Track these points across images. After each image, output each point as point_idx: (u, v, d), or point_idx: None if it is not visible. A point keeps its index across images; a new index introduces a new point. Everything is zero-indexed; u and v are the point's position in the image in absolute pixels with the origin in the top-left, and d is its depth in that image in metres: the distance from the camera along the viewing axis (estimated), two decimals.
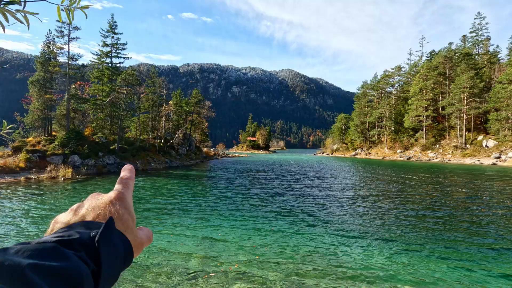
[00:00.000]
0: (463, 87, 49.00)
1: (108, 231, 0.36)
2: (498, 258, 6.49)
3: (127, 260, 0.40)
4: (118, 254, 0.37)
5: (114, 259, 0.36)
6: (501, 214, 10.61)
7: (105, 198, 0.46)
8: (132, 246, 0.41)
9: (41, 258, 0.29)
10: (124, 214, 0.44)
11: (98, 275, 0.33)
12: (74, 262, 0.31)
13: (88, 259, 0.33)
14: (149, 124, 39.50)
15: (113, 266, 0.36)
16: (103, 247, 0.34)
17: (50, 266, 0.28)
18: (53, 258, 0.30)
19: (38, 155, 23.44)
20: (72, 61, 30.21)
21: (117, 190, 0.49)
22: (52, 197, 13.81)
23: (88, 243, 0.34)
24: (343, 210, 11.34)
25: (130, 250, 0.40)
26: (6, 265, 0.26)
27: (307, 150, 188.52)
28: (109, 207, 0.44)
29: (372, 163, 44.18)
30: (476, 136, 48.98)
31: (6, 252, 0.28)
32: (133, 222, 0.46)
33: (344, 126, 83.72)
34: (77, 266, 0.31)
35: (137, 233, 0.45)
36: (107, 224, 0.37)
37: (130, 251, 0.40)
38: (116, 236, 0.38)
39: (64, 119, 29.36)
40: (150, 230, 0.50)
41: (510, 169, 31.81)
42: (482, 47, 61.62)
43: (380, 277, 5.48)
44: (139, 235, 0.46)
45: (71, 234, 0.35)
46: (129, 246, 0.40)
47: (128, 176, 0.53)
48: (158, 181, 20.35)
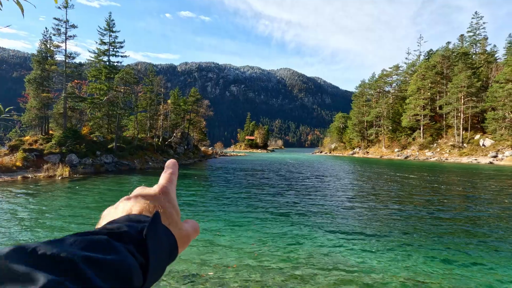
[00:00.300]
0: (460, 86, 49.21)
1: (154, 225, 0.37)
2: (494, 256, 6.53)
3: (172, 254, 0.40)
4: (164, 248, 0.38)
5: (160, 253, 0.37)
6: (498, 213, 10.67)
7: (150, 192, 0.47)
8: (176, 240, 0.41)
9: (93, 251, 0.29)
10: (168, 207, 0.45)
11: (146, 269, 0.34)
12: (124, 255, 0.31)
13: (136, 252, 0.34)
14: (147, 123, 39.36)
15: (160, 260, 0.37)
16: (150, 241, 0.35)
17: (102, 258, 0.29)
18: (104, 250, 0.30)
19: (35, 154, 23.31)
20: (69, 60, 30.03)
21: (161, 184, 0.50)
22: (49, 197, 13.74)
23: (136, 236, 0.35)
24: (341, 209, 11.37)
25: (175, 244, 0.41)
26: (62, 256, 0.27)
27: (305, 149, 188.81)
28: (154, 201, 0.44)
29: (370, 162, 44.31)
30: (473, 135, 49.24)
31: (63, 243, 0.29)
32: (178, 216, 0.46)
33: (342, 125, 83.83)
34: (127, 259, 0.31)
35: (182, 226, 0.46)
36: (154, 218, 0.37)
37: (175, 245, 0.41)
38: (161, 230, 0.39)
39: (61, 118, 29.20)
40: (196, 222, 0.50)
41: (506, 168, 32.02)
42: (480, 47, 61.90)
43: (377, 276, 5.50)
44: (185, 228, 0.46)
45: (120, 227, 0.36)
46: (174, 240, 0.41)
47: (172, 171, 0.54)
48: (156, 180, 20.19)
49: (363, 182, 20.42)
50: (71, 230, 8.36)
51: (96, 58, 36.91)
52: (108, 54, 36.70)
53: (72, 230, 8.39)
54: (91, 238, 0.31)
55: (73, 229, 8.44)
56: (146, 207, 0.43)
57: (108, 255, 0.30)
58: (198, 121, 53.85)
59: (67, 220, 9.51)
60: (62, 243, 0.29)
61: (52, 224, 9.07)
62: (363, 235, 8.01)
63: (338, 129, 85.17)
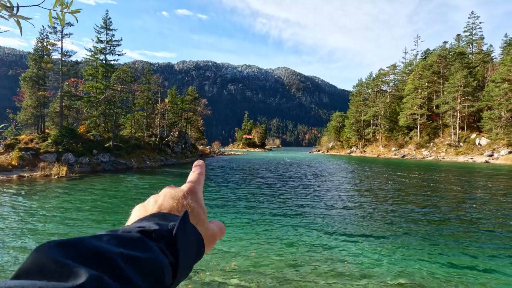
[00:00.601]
0: (457, 86, 49.49)
1: (184, 224, 0.38)
2: (488, 255, 6.58)
3: (199, 253, 0.41)
4: (192, 248, 0.39)
5: (189, 252, 0.37)
6: (495, 213, 10.76)
7: (178, 191, 0.47)
8: (203, 240, 0.42)
9: (129, 248, 0.30)
10: (196, 207, 0.45)
11: (175, 267, 0.34)
12: (157, 253, 0.32)
13: (166, 250, 0.34)
14: (144, 122, 39.19)
15: (188, 259, 0.37)
16: (180, 240, 0.36)
17: (136, 256, 0.30)
18: (139, 248, 0.31)
19: (31, 153, 23.13)
20: (66, 58, 29.80)
21: (190, 184, 0.51)
22: (44, 196, 13.64)
23: (166, 235, 0.35)
24: (338, 208, 11.40)
25: (202, 243, 0.41)
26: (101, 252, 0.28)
27: (303, 148, 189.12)
28: (182, 200, 0.45)
29: (367, 161, 44.48)
30: (469, 134, 49.56)
31: (100, 239, 0.31)
32: (205, 216, 0.47)
33: (340, 124, 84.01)
34: (159, 257, 0.32)
35: (208, 226, 0.46)
36: (183, 218, 0.38)
37: (202, 245, 0.41)
38: (190, 229, 0.39)
39: (58, 117, 28.99)
40: (221, 223, 0.50)
41: (502, 167, 32.28)
42: (476, 46, 62.25)
43: (373, 275, 5.52)
44: (211, 228, 0.46)
45: (151, 225, 0.36)
46: (201, 240, 0.41)
47: (200, 171, 0.55)
48: (153, 179, 20.25)
49: (361, 181, 20.49)
50: (68, 230, 8.31)
51: (92, 57, 36.62)
52: (105, 52, 36.43)
53: (68, 230, 8.35)
54: (126, 235, 0.33)
55: (69, 229, 8.39)
56: (174, 206, 0.44)
57: (142, 253, 0.31)
58: (196, 120, 53.72)
59: (63, 220, 9.45)
60: (99, 240, 0.30)
61: (48, 224, 9.00)
62: (360, 235, 8.04)
63: (336, 128, 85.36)
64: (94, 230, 8.30)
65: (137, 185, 17.40)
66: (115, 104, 32.51)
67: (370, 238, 7.72)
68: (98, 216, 9.95)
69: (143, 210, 0.44)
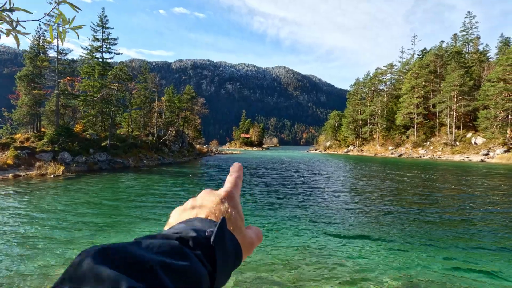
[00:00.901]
0: (453, 85, 49.78)
1: (221, 232, 0.37)
2: (487, 255, 6.64)
3: (237, 261, 0.39)
4: (230, 256, 0.37)
5: (226, 260, 0.36)
6: (491, 211, 10.85)
7: (216, 196, 0.46)
8: (241, 247, 0.41)
9: (167, 256, 0.30)
10: (233, 213, 0.44)
11: (213, 277, 0.33)
12: (195, 262, 0.31)
13: (204, 259, 0.33)
14: (141, 121, 39.03)
15: (226, 268, 0.36)
16: (218, 249, 0.35)
17: (176, 265, 0.29)
18: (178, 257, 0.31)
19: (27, 152, 22.96)
20: (62, 56, 29.55)
21: (227, 188, 0.49)
22: (40, 195, 13.55)
23: (203, 242, 0.35)
24: (336, 207, 11.44)
25: (240, 252, 0.40)
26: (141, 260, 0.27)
27: (300, 147, 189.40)
28: (219, 205, 0.44)
29: (364, 160, 44.65)
30: (465, 133, 49.92)
31: (139, 246, 0.30)
32: (242, 222, 0.45)
33: (337, 123, 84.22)
34: (197, 267, 0.31)
35: (246, 233, 0.44)
36: (221, 225, 0.37)
37: (240, 253, 0.40)
38: (228, 237, 0.38)
39: (54, 115, 28.78)
40: (259, 229, 0.48)
41: (497, 165, 32.56)
42: (472, 46, 62.63)
43: (369, 274, 5.55)
44: (248, 235, 0.45)
45: (188, 232, 0.36)
46: (239, 248, 0.40)
47: (237, 174, 0.53)
48: (151, 178, 20.18)
49: (358, 180, 20.57)
50: (63, 230, 8.27)
51: (89, 55, 36.37)
52: (101, 50, 36.20)
53: (64, 230, 8.30)
54: (164, 242, 0.32)
55: (65, 229, 8.34)
56: (212, 211, 0.43)
57: (181, 262, 0.30)
58: (193, 119, 53.59)
59: (58, 220, 9.40)
60: (139, 247, 0.30)
61: (43, 223, 8.95)
62: (358, 234, 8.08)
63: (333, 127, 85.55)
64: (91, 231, 8.27)
65: (134, 185, 17.34)
66: (112, 102, 32.33)
67: (367, 237, 7.75)
68: (94, 217, 9.91)
69: (181, 214, 0.44)
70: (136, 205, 11.48)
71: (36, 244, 7.01)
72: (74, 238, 7.52)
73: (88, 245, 6.74)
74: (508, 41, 57.70)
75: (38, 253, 6.44)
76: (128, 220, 9.21)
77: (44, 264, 5.87)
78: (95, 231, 8.06)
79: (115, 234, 7.85)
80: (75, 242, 7.20)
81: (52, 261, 6.01)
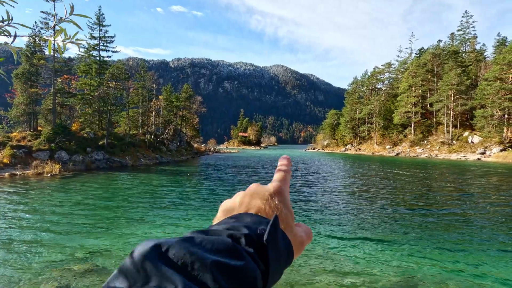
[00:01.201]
0: (450, 84, 50.00)
1: (274, 230, 0.35)
2: (483, 253, 6.68)
3: (288, 261, 0.38)
4: (282, 255, 0.36)
5: (279, 260, 0.35)
6: (488, 209, 10.92)
7: (265, 191, 0.44)
8: (292, 246, 0.39)
9: (222, 255, 0.29)
10: (283, 210, 0.42)
11: (266, 276, 0.32)
12: (249, 262, 0.30)
13: (258, 258, 0.32)
14: (138, 119, 38.88)
15: (278, 267, 0.35)
16: (271, 248, 0.33)
17: (230, 265, 0.28)
18: (232, 256, 0.29)
19: (24, 150, 22.81)
20: (58, 54, 29.34)
21: (276, 183, 0.47)
22: (37, 194, 13.48)
23: (256, 240, 0.33)
24: (334, 206, 11.46)
25: (292, 250, 0.38)
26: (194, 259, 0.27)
27: (298, 146, 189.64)
28: (269, 201, 0.42)
29: (362, 159, 44.79)
30: (462, 132, 50.21)
31: (192, 242, 0.29)
32: (292, 219, 0.43)
33: (335, 122, 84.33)
34: (251, 266, 0.30)
35: (296, 231, 0.42)
36: (274, 223, 0.35)
37: (292, 253, 0.38)
38: (280, 236, 0.37)
39: (50, 114, 28.59)
40: (309, 228, 0.46)
41: (493, 164, 32.79)
42: (469, 45, 62.91)
43: (369, 274, 5.57)
44: (299, 233, 0.43)
45: (239, 228, 0.34)
46: (291, 248, 0.38)
47: (286, 169, 0.51)
48: (148, 177, 20.13)
49: (356, 178, 20.63)
50: (59, 229, 8.23)
51: (85, 53, 36.09)
52: (98, 49, 35.95)
53: (60, 229, 8.26)
54: (218, 240, 0.31)
55: (61, 228, 8.30)
56: (262, 207, 0.41)
57: (236, 261, 0.29)
58: (191, 118, 53.46)
59: (54, 219, 9.35)
60: (192, 243, 0.29)
61: (38, 222, 8.90)
62: (355, 233, 8.10)
63: (331, 126, 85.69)
64: (86, 231, 8.23)
65: (132, 184, 17.28)
66: (109, 101, 32.17)
67: (366, 237, 7.78)
68: (90, 217, 9.87)
69: (230, 208, 0.42)
70: (133, 205, 11.45)
71: (30, 245, 6.97)
72: (70, 238, 7.48)
73: (87, 245, 6.71)
74: (505, 40, 58.02)
75: (33, 254, 6.40)
76: (124, 220, 9.18)
77: (38, 266, 5.83)
78: (90, 231, 8.03)
79: (111, 234, 7.82)
80: (70, 242, 7.16)
81: (46, 262, 5.98)
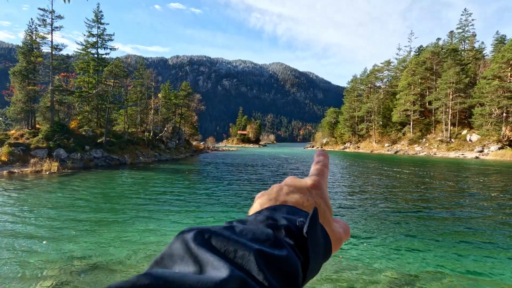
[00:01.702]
0: (449, 82, 50.05)
1: (313, 222, 0.34)
2: (483, 252, 6.71)
3: (326, 256, 0.37)
4: (320, 248, 0.35)
5: (318, 253, 0.34)
6: (486, 208, 10.97)
7: (303, 184, 0.43)
8: (331, 241, 0.38)
9: (264, 244, 0.28)
10: (322, 204, 0.41)
11: (305, 268, 0.32)
12: (291, 253, 0.30)
13: (297, 249, 0.31)
14: (137, 117, 38.78)
15: (317, 260, 0.34)
16: (310, 240, 0.33)
17: (272, 254, 0.28)
18: (274, 246, 0.29)
19: (22, 148, 22.73)
20: (56, 51, 29.19)
21: (314, 177, 0.46)
22: (35, 192, 13.45)
23: (295, 232, 0.33)
24: (332, 204, 11.47)
25: (330, 245, 0.38)
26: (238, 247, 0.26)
27: (297, 144, 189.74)
28: (307, 195, 0.41)
29: (361, 157, 44.87)
30: (460, 130, 50.32)
31: (233, 231, 0.29)
32: (330, 214, 0.42)
33: (334, 120, 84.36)
34: (293, 257, 0.30)
35: (334, 227, 0.41)
36: (313, 216, 0.34)
37: (330, 246, 0.38)
38: (319, 229, 0.36)
39: (48, 112, 28.48)
40: (346, 224, 0.45)
41: (491, 162, 32.91)
42: (468, 43, 62.89)
43: (368, 273, 5.59)
44: (337, 229, 0.42)
45: (279, 219, 0.34)
46: (329, 242, 0.38)
47: (324, 162, 0.50)
48: (147, 175, 20.10)
49: (355, 177, 20.68)
50: (58, 227, 8.21)
51: (84, 50, 35.91)
52: (96, 46, 35.77)
53: (58, 227, 8.25)
54: (257, 229, 0.30)
55: (59, 226, 8.29)
56: (300, 200, 0.40)
57: (278, 251, 0.29)
58: (190, 116, 53.34)
59: (53, 216, 9.34)
60: (233, 232, 0.29)
61: (36, 220, 8.89)
62: (356, 233, 8.12)
63: (330, 124, 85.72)
64: (86, 229, 8.22)
65: (130, 182, 17.26)
66: (108, 99, 32.06)
67: (364, 234, 7.80)
68: (87, 214, 9.86)
69: (266, 199, 0.41)
70: (131, 202, 11.44)
71: (28, 243, 6.96)
72: (68, 236, 7.47)
73: (84, 243, 6.70)
74: (504, 38, 58.04)
75: (32, 252, 6.39)
76: (122, 218, 9.18)
77: (36, 264, 5.83)
78: (88, 229, 8.02)
79: (109, 232, 7.82)
80: (68, 240, 7.16)
81: (45, 260, 5.98)
